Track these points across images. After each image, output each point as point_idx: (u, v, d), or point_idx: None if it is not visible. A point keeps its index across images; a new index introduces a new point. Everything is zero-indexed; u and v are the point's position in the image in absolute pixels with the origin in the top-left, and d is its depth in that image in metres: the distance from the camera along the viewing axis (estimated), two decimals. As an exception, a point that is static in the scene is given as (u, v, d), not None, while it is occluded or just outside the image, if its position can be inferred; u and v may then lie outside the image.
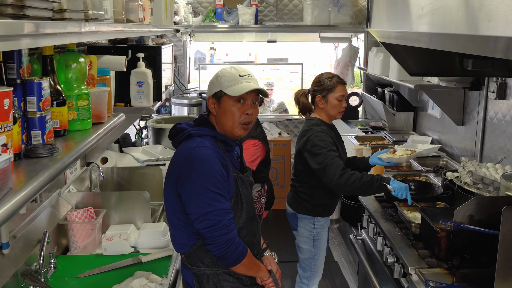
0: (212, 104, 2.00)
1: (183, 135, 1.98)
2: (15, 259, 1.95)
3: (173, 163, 1.97)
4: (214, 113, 2.01)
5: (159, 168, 3.07)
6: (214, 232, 1.84)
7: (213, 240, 1.85)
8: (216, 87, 1.98)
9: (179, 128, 2.03)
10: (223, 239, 1.84)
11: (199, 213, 1.84)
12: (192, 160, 1.87)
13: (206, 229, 1.84)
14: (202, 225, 1.85)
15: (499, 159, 3.02)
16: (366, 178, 2.60)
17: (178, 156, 1.95)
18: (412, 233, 2.47)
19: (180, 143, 2.00)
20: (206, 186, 1.83)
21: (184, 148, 1.94)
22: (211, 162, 1.86)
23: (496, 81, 3.05)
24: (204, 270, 1.99)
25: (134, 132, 4.49)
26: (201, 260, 1.98)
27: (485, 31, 1.15)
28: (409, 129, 4.78)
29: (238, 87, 1.95)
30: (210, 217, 1.83)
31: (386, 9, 2.20)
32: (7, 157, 1.08)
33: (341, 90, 2.85)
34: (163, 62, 3.00)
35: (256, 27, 5.15)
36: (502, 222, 1.69)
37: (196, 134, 1.95)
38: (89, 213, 2.49)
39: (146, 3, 2.48)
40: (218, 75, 2.00)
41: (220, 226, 1.84)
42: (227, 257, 1.88)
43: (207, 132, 1.97)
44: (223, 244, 1.85)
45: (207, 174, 1.85)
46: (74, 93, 1.72)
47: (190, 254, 1.99)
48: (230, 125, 1.98)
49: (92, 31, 1.49)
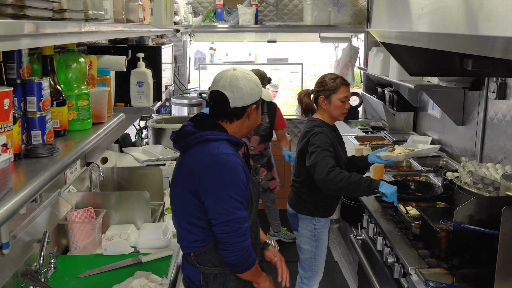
0: (253, 111, 2.02)
1: (195, 138, 1.94)
2: (15, 259, 1.95)
3: (192, 168, 1.92)
4: (248, 120, 2.02)
5: (159, 168, 3.07)
6: (232, 239, 1.87)
7: (229, 246, 1.88)
8: (258, 94, 2.01)
9: (188, 132, 1.98)
10: (239, 247, 1.88)
11: (221, 220, 1.87)
12: (218, 167, 1.87)
13: (225, 235, 1.87)
14: (222, 230, 1.87)
15: (499, 159, 3.02)
16: (354, 178, 2.58)
17: (197, 161, 1.91)
18: (412, 233, 2.47)
19: (190, 147, 1.96)
20: (231, 194, 1.86)
21: (203, 154, 1.91)
22: (236, 170, 1.88)
23: (496, 81, 3.05)
24: (212, 270, 2.01)
25: (134, 132, 4.49)
26: (211, 261, 2.00)
27: (485, 31, 1.15)
28: (409, 129, 4.78)
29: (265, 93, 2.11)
30: (231, 224, 1.87)
31: (386, 9, 2.20)
32: (7, 157, 1.08)
33: (345, 92, 2.85)
34: (163, 62, 3.00)
35: (256, 27, 5.15)
36: (502, 222, 1.69)
37: (213, 139, 1.93)
38: (89, 213, 2.48)
39: (146, 3, 2.48)
40: (256, 82, 2.01)
41: (239, 234, 1.87)
42: (240, 264, 1.92)
43: (223, 137, 1.95)
44: (238, 251, 1.89)
45: (233, 182, 1.87)
46: (74, 93, 1.72)
47: (200, 254, 2.00)
48: (252, 127, 2.09)
49: (92, 31, 1.49)
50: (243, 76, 1.96)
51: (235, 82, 1.94)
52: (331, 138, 2.82)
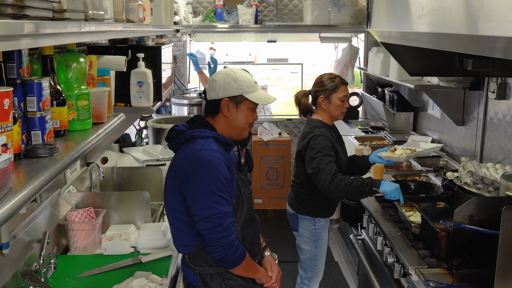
0: (226, 106, 1.99)
1: (183, 137, 1.98)
2: (15, 259, 1.95)
3: (176, 165, 1.97)
4: (226, 115, 2.01)
5: (159, 168, 3.07)
6: (214, 235, 1.87)
7: (213, 242, 1.88)
8: (234, 90, 1.98)
9: (177, 130, 2.03)
10: (223, 242, 1.88)
11: (202, 215, 1.87)
12: (198, 162, 1.88)
13: (207, 231, 1.87)
14: (204, 226, 1.88)
15: (499, 159, 3.02)
16: (357, 183, 2.59)
17: (181, 158, 1.95)
18: (412, 233, 2.47)
19: (180, 145, 2.00)
20: (211, 189, 1.85)
21: (187, 150, 1.93)
22: (217, 165, 1.88)
23: (496, 81, 3.05)
24: (208, 270, 2.01)
25: (134, 132, 4.49)
26: (205, 261, 2.00)
27: (485, 31, 1.15)
28: (409, 129, 4.78)
29: (260, 95, 2.01)
30: (212, 220, 1.86)
31: (386, 9, 2.20)
32: (7, 157, 1.08)
33: (344, 91, 2.86)
34: (163, 62, 3.00)
35: (256, 27, 5.15)
36: (502, 222, 1.69)
37: (198, 136, 1.95)
38: (89, 213, 2.49)
39: (146, 3, 2.48)
40: (236, 78, 1.98)
41: (221, 229, 1.87)
42: (225, 259, 1.91)
43: (209, 134, 1.97)
44: (222, 246, 1.88)
45: (213, 177, 1.86)
46: (74, 93, 1.72)
47: (194, 255, 2.01)
48: (241, 127, 2.03)
49: (92, 31, 1.49)
50: (224, 71, 2.01)
51: (214, 76, 2.01)
52: (331, 139, 2.81)
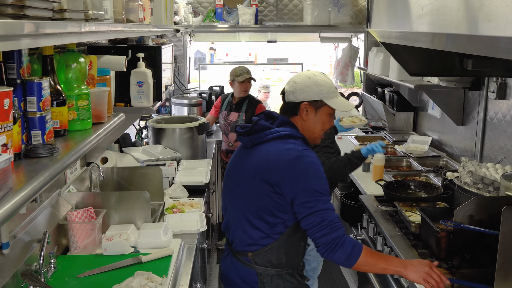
0: (305, 110, 1.99)
1: (269, 133, 1.95)
2: (15, 259, 1.95)
3: (269, 163, 1.91)
4: (303, 119, 2.00)
5: (159, 168, 3.07)
6: (317, 233, 1.83)
7: (317, 241, 1.84)
8: (315, 94, 1.97)
9: (263, 126, 1.98)
10: (327, 239, 1.82)
11: (305, 213, 1.84)
12: (302, 162, 1.86)
13: (311, 230, 1.84)
14: (307, 223, 1.84)
15: (499, 159, 3.02)
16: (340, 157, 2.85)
17: (275, 157, 1.91)
18: (412, 233, 2.47)
19: (264, 142, 1.96)
20: (315, 188, 1.85)
21: (282, 150, 1.91)
22: (319, 165, 1.90)
23: (496, 81, 3.05)
24: (270, 271, 1.98)
25: (134, 132, 4.49)
26: (270, 261, 1.97)
27: (485, 31, 1.15)
28: (409, 129, 4.78)
29: (340, 102, 2.00)
30: (315, 218, 1.83)
31: (386, 9, 2.21)
32: (7, 157, 1.08)
33: None
34: (163, 62, 3.00)
35: (256, 27, 5.15)
36: (502, 222, 1.69)
37: (291, 135, 1.94)
38: (89, 213, 2.48)
39: (146, 3, 2.48)
40: (317, 83, 1.97)
41: (323, 226, 1.82)
42: (335, 258, 1.84)
43: (300, 134, 1.97)
44: (327, 244, 1.82)
45: (318, 177, 1.87)
46: (74, 93, 1.72)
47: (259, 254, 1.97)
48: (318, 133, 2.04)
49: (92, 31, 1.49)
50: (306, 74, 2.00)
51: (295, 78, 2.00)
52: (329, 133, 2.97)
